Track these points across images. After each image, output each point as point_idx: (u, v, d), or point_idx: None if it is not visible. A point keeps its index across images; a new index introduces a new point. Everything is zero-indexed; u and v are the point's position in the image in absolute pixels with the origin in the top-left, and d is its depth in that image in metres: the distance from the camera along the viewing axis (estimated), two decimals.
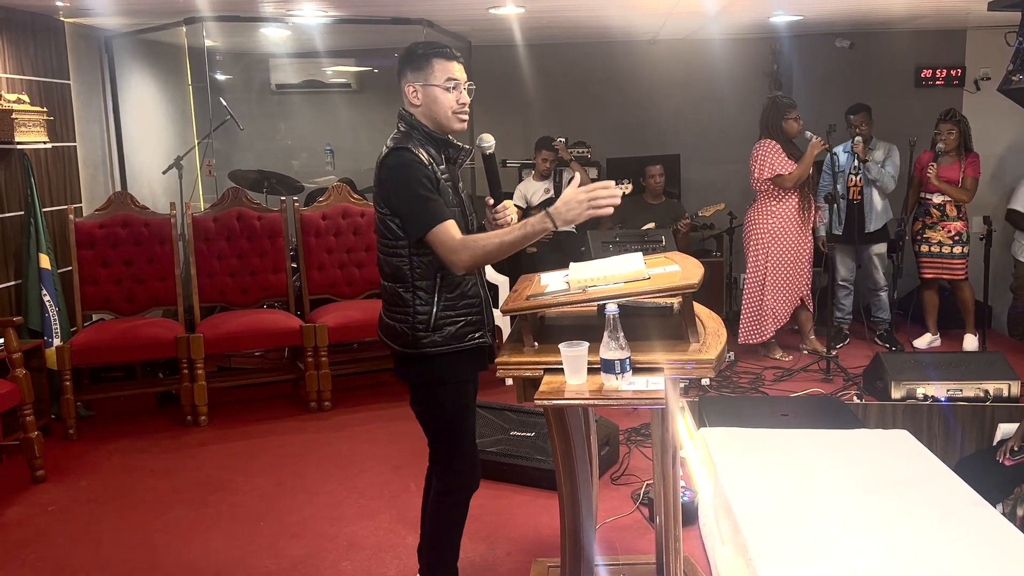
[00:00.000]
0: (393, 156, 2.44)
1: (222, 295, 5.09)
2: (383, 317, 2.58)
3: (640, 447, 4.13)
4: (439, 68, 2.49)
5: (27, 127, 4.55)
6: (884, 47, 6.81)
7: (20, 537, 3.44)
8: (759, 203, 5.42)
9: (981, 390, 4.31)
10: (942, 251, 5.54)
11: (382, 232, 2.50)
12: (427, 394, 2.55)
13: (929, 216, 5.59)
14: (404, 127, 2.52)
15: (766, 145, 5.31)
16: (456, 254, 2.37)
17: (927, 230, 5.59)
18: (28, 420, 3.92)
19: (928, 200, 5.58)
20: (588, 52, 7.05)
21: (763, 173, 5.27)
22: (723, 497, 2.84)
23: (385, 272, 2.53)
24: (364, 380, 5.28)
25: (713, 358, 2.20)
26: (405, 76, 2.51)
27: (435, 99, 2.49)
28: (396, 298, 2.50)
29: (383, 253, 2.53)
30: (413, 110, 2.53)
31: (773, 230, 5.35)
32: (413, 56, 2.50)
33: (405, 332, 2.49)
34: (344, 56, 7.29)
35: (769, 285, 5.40)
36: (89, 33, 5.63)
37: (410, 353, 2.50)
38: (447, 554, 2.68)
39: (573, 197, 2.31)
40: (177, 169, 5.85)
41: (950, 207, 5.50)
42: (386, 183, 2.44)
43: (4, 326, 3.97)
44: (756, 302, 5.46)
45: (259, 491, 3.83)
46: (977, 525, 2.52)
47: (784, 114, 5.31)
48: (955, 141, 5.47)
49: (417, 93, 2.50)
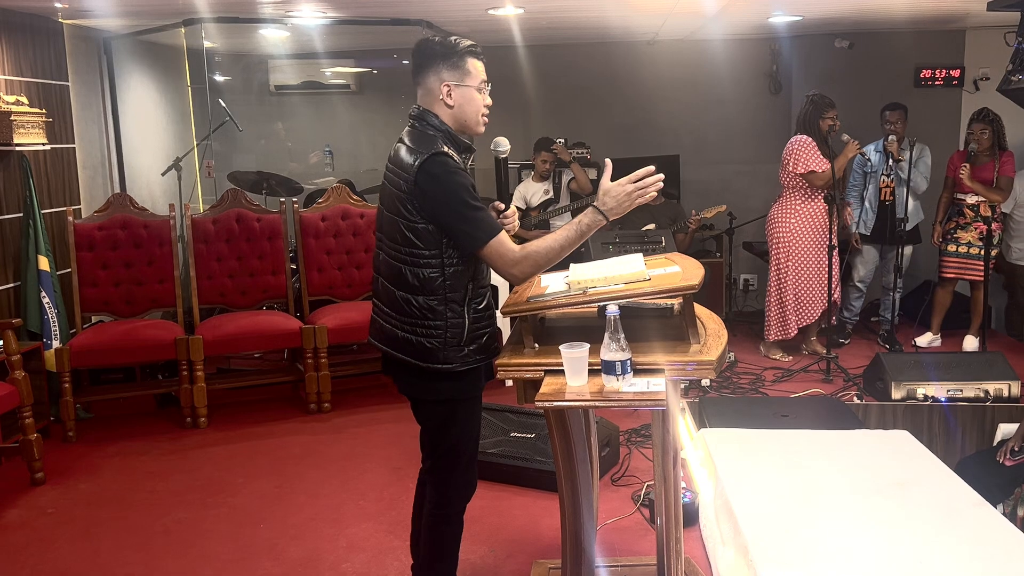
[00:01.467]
0: (436, 163, 2.27)
1: (221, 297, 5.09)
2: (396, 331, 2.39)
3: (640, 448, 4.13)
4: (474, 68, 2.38)
5: (26, 129, 4.54)
6: (883, 47, 6.81)
7: (19, 539, 3.44)
8: (784, 199, 5.41)
9: (981, 390, 4.31)
10: (970, 252, 5.50)
11: (407, 240, 2.32)
12: (446, 411, 2.43)
13: (963, 216, 5.54)
14: (426, 127, 2.37)
15: (801, 141, 5.30)
16: (517, 266, 2.29)
17: (959, 230, 5.55)
18: (27, 422, 3.92)
19: (962, 201, 5.55)
20: (587, 53, 7.05)
21: (797, 168, 5.27)
22: (724, 498, 2.83)
23: (408, 283, 2.35)
24: (364, 382, 5.27)
25: (714, 359, 2.20)
26: (438, 73, 2.35)
27: (470, 100, 2.38)
28: (424, 311, 2.34)
29: (405, 263, 2.34)
30: (442, 110, 2.38)
31: (796, 228, 5.35)
32: (451, 52, 2.34)
33: (434, 347, 2.34)
34: (343, 57, 7.30)
35: (791, 283, 5.39)
36: (88, 35, 5.63)
37: (436, 369, 2.36)
38: (446, 566, 2.60)
39: (620, 191, 2.30)
40: (176, 170, 5.85)
41: (984, 207, 5.45)
42: (428, 192, 2.27)
43: (3, 328, 3.96)
44: (778, 299, 5.47)
45: (259, 493, 3.82)
46: (978, 525, 2.51)
47: (822, 113, 5.29)
48: (988, 141, 5.42)
49: (451, 93, 2.35)
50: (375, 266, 2.53)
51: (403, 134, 2.44)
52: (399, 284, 2.38)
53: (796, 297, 5.41)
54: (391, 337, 2.42)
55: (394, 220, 2.36)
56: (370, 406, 4.92)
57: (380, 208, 2.48)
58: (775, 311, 5.50)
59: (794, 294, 5.40)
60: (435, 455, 2.51)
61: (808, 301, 5.41)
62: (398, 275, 2.37)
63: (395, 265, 2.38)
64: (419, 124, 2.39)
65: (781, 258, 5.41)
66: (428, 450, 2.53)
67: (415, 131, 2.39)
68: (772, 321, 5.53)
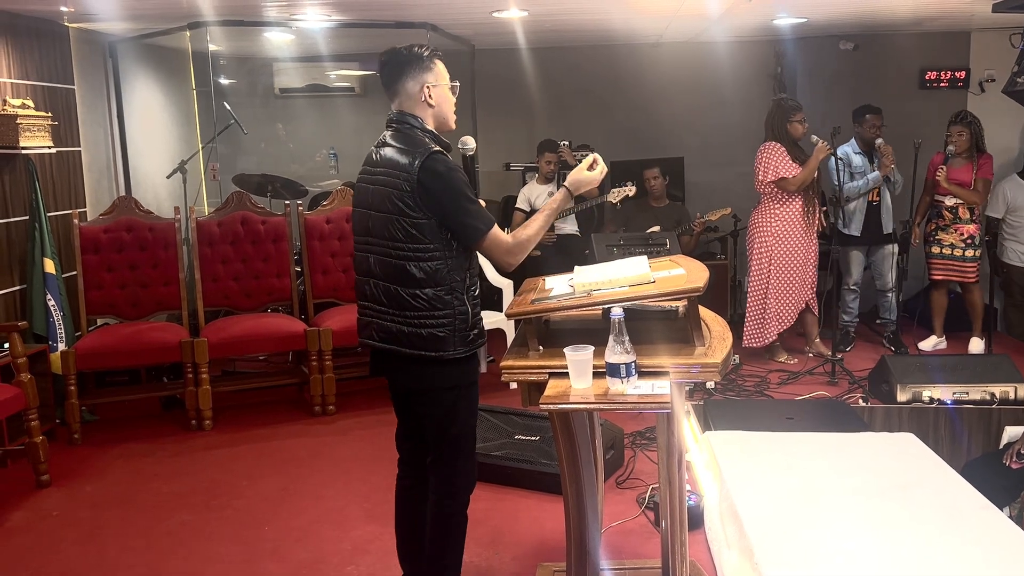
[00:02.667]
0: (437, 161, 2.39)
1: (226, 299, 5.09)
2: (401, 327, 2.44)
3: (645, 451, 4.12)
4: (442, 69, 2.53)
5: (32, 132, 4.56)
6: (888, 49, 6.80)
7: (25, 542, 3.44)
8: (763, 206, 5.41)
9: (987, 393, 4.29)
10: (954, 254, 5.52)
11: (410, 236, 2.40)
12: (453, 397, 2.50)
13: (942, 218, 5.56)
14: (411, 129, 2.48)
15: (770, 148, 5.30)
16: (512, 255, 2.47)
17: (940, 232, 5.56)
18: (33, 425, 3.93)
19: (940, 203, 5.55)
20: (591, 55, 7.05)
21: (767, 176, 5.26)
22: (729, 501, 2.83)
23: (414, 278, 2.41)
24: (368, 384, 5.27)
25: (719, 361, 2.20)
26: (416, 77, 2.47)
27: (446, 99, 2.53)
28: (433, 303, 2.41)
29: (408, 259, 2.41)
30: (424, 111, 2.50)
31: (777, 232, 5.34)
32: (420, 58, 2.48)
33: (446, 336, 2.42)
34: (347, 60, 7.32)
35: (773, 288, 5.39)
36: (93, 38, 5.64)
37: (448, 357, 2.43)
38: (453, 552, 2.63)
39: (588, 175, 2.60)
40: (181, 173, 5.86)
41: (962, 210, 5.47)
42: (431, 188, 2.37)
43: (9, 331, 3.97)
44: (759, 305, 5.45)
45: (263, 495, 3.82)
46: (984, 528, 2.50)
47: (789, 116, 5.30)
48: (966, 143, 5.43)
49: (431, 93, 2.48)
50: (362, 270, 2.57)
51: (385, 137, 2.53)
52: (403, 281, 2.44)
53: (777, 302, 5.40)
54: (394, 334, 2.47)
55: (391, 219, 2.43)
56: (375, 408, 4.92)
57: (363, 212, 2.54)
58: (754, 317, 5.48)
59: (776, 299, 5.39)
60: (441, 444, 2.55)
61: (788, 306, 5.40)
62: (401, 272, 2.43)
63: (395, 263, 2.44)
64: (403, 127, 2.50)
65: (764, 264, 5.40)
66: (433, 441, 2.56)
67: (400, 133, 2.49)
68: (751, 327, 5.50)
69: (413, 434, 2.67)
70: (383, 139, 2.53)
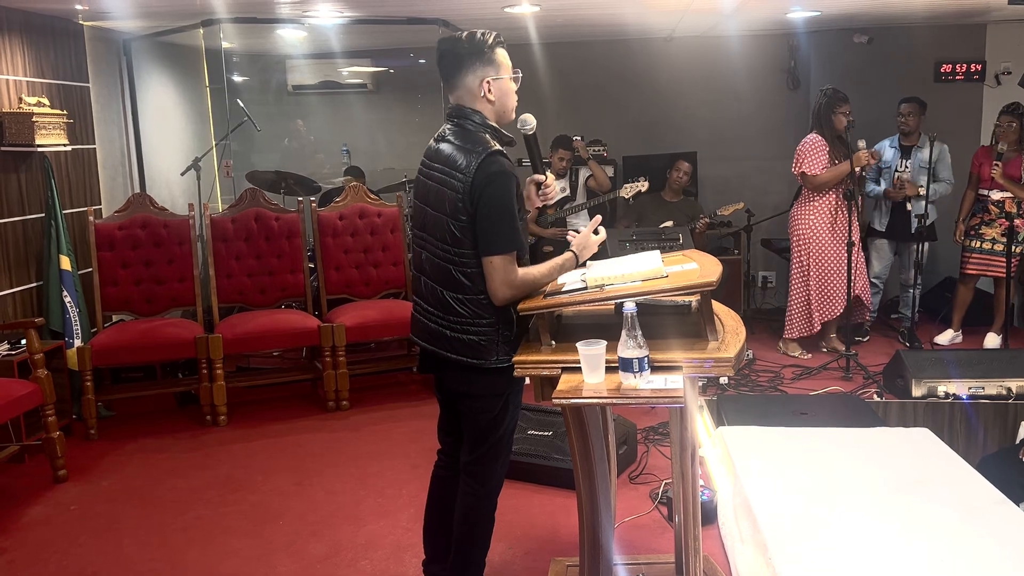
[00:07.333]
0: (495, 162, 2.29)
1: (240, 295, 5.12)
2: (444, 331, 2.41)
3: (658, 446, 4.12)
4: (504, 59, 2.39)
5: (47, 130, 4.60)
6: (903, 42, 6.74)
7: (42, 536, 3.48)
8: (804, 196, 5.40)
9: (1004, 388, 4.26)
10: (994, 248, 5.44)
11: (456, 240, 2.34)
12: (501, 403, 2.47)
13: (987, 212, 5.48)
14: (472, 125, 2.37)
15: (810, 141, 5.28)
16: (513, 288, 2.33)
17: (984, 226, 5.49)
18: (50, 420, 3.96)
19: (986, 197, 5.48)
20: (604, 50, 7.03)
21: (795, 168, 5.25)
22: (742, 496, 2.82)
23: (459, 284, 2.36)
24: (382, 380, 5.29)
25: (732, 356, 2.19)
26: (475, 71, 2.35)
27: (508, 92, 2.40)
28: (476, 310, 2.37)
29: (453, 263, 2.36)
30: (484, 106, 2.38)
31: (814, 224, 5.32)
32: (480, 50, 2.34)
33: (488, 344, 2.38)
34: (360, 56, 7.32)
35: (813, 278, 5.37)
36: (107, 36, 5.68)
37: (492, 366, 2.39)
38: (480, 550, 2.65)
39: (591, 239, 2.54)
40: (195, 170, 5.89)
41: (1009, 203, 5.38)
42: (483, 190, 2.28)
43: (26, 327, 4.01)
44: (802, 295, 5.43)
45: (278, 490, 3.84)
46: (1000, 524, 2.49)
47: (835, 107, 5.25)
48: (1015, 135, 5.33)
49: (491, 87, 2.36)
50: (416, 265, 2.54)
51: (444, 131, 2.43)
52: (448, 284, 2.39)
53: (819, 292, 5.37)
54: (439, 337, 2.44)
55: (443, 220, 2.36)
56: (388, 404, 4.94)
57: (422, 206, 2.48)
58: (798, 308, 5.47)
59: (817, 289, 5.37)
60: (482, 447, 2.53)
61: (831, 296, 5.37)
62: (446, 276, 2.39)
63: (442, 266, 2.39)
64: (462, 122, 2.39)
65: (803, 254, 5.38)
66: (472, 443, 2.55)
67: (460, 129, 2.39)
68: (795, 318, 5.50)
69: (455, 429, 2.67)
70: (443, 133, 2.44)
